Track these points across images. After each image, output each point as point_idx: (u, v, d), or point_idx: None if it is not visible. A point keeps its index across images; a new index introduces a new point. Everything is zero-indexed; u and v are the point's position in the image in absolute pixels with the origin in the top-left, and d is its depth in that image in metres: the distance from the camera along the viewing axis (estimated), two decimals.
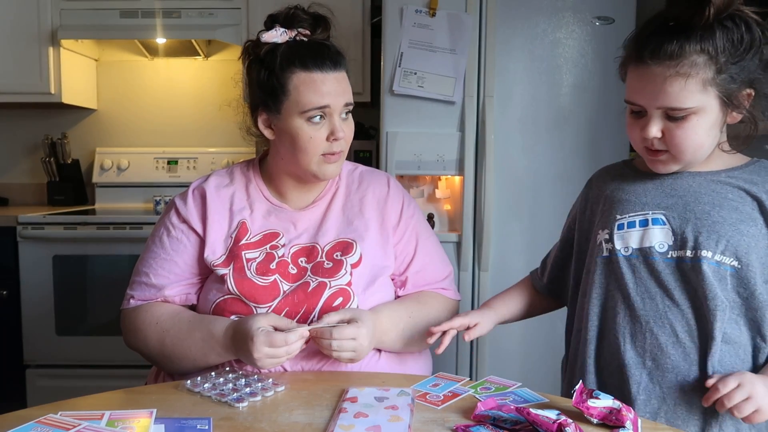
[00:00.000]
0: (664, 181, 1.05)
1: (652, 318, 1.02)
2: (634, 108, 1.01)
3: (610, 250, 1.06)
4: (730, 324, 0.99)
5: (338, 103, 1.19)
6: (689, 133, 0.96)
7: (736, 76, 0.94)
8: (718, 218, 0.98)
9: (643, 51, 0.96)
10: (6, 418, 0.91)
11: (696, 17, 0.92)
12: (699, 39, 0.92)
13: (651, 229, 1.02)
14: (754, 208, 0.99)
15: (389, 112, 2.20)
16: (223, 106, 1.33)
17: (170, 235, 1.24)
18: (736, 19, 0.93)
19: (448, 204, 2.27)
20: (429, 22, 2.15)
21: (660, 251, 1.01)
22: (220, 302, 1.18)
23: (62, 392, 1.25)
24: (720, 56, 0.93)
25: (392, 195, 1.31)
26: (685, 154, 0.99)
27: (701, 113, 0.95)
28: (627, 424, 0.86)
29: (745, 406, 0.91)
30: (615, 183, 1.12)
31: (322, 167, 1.21)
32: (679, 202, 1.02)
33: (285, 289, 1.18)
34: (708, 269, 0.97)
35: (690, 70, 0.93)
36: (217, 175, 1.30)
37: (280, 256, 1.21)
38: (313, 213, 1.27)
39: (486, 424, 0.89)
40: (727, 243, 0.97)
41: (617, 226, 1.06)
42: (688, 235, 0.99)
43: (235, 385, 1.04)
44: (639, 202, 1.05)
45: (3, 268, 2.46)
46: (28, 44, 2.67)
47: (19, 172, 3.10)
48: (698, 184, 1.03)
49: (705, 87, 0.94)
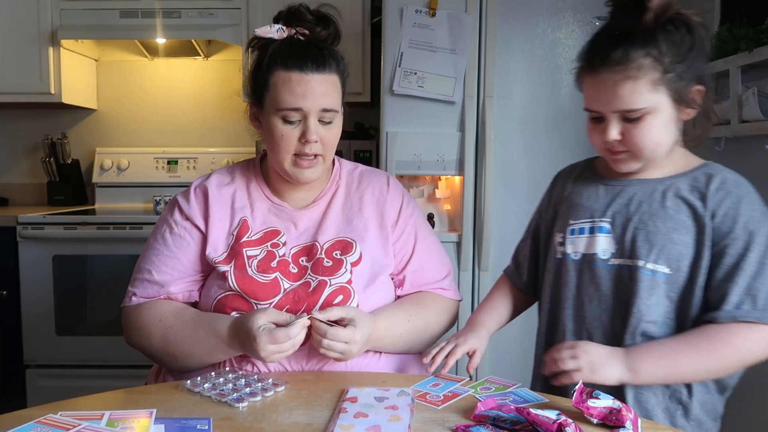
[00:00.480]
0: (614, 188, 1.11)
1: (589, 320, 1.09)
2: (593, 114, 1.06)
3: (563, 253, 1.12)
4: (661, 327, 1.03)
5: (313, 105, 1.16)
6: (645, 133, 1.01)
7: (683, 74, 0.99)
8: (653, 228, 1.03)
9: (593, 60, 1.02)
10: (6, 418, 0.91)
11: (637, 23, 0.98)
12: (642, 43, 0.98)
13: (597, 237, 1.08)
14: (689, 216, 1.03)
15: (389, 112, 2.20)
16: (223, 102, 1.33)
17: (173, 232, 1.24)
18: (676, 22, 0.99)
19: (448, 204, 2.27)
20: (429, 22, 2.15)
21: (602, 258, 1.07)
22: (221, 298, 1.18)
23: (62, 392, 1.25)
24: (664, 57, 0.98)
25: (391, 194, 1.31)
26: (644, 153, 1.03)
27: (655, 112, 1.00)
28: (627, 424, 0.86)
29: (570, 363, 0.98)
30: (575, 185, 1.17)
31: (295, 170, 1.20)
32: (623, 211, 1.07)
33: (286, 287, 1.18)
34: (643, 277, 1.03)
35: (638, 73, 0.98)
36: (218, 174, 1.31)
37: (281, 255, 1.21)
38: (313, 212, 1.27)
39: (486, 424, 0.89)
40: (660, 251, 1.02)
41: (570, 230, 1.12)
42: (627, 243, 1.05)
43: (235, 385, 1.04)
44: (590, 208, 1.11)
45: (3, 268, 2.46)
46: (28, 44, 2.68)
47: (19, 172, 3.10)
48: (642, 192, 1.07)
49: (654, 87, 0.99)
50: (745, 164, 1.82)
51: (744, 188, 1.04)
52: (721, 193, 1.02)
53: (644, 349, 1.01)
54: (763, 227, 1.00)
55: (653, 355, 0.99)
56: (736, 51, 1.71)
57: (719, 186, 1.02)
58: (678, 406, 1.05)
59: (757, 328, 0.98)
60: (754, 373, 1.08)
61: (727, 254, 1.00)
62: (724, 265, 1.00)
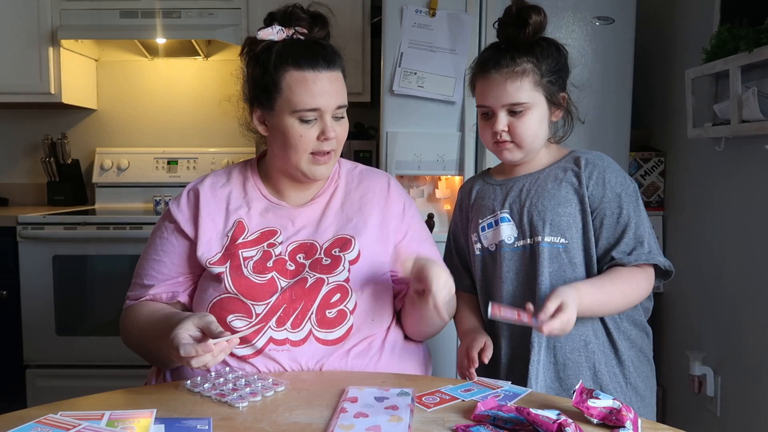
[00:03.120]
0: (507, 185, 1.32)
1: (506, 299, 1.26)
2: (484, 110, 1.28)
3: (479, 249, 1.33)
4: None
5: (330, 104, 1.18)
6: (527, 125, 1.24)
7: (554, 81, 1.26)
8: (542, 207, 1.25)
9: (486, 65, 1.25)
10: (6, 418, 0.91)
11: (521, 35, 1.23)
12: (524, 52, 1.23)
13: (500, 226, 1.29)
14: (569, 191, 1.25)
15: (389, 112, 2.20)
16: (222, 102, 1.33)
17: (162, 237, 1.26)
18: (549, 41, 1.27)
19: (448, 204, 2.27)
20: (429, 22, 2.15)
21: (509, 243, 1.28)
22: (216, 301, 1.18)
23: (62, 392, 1.25)
24: (542, 65, 1.24)
25: (393, 195, 1.31)
26: (525, 142, 1.25)
27: (534, 108, 1.24)
28: (627, 424, 0.87)
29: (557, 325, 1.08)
30: (477, 192, 1.38)
31: (312, 167, 1.21)
32: (517, 200, 1.29)
33: (282, 285, 1.17)
34: (545, 250, 1.23)
35: (522, 74, 1.23)
36: (214, 175, 1.31)
37: (277, 254, 1.20)
38: (312, 210, 1.27)
39: (486, 424, 0.89)
40: (551, 225, 1.23)
41: (480, 228, 1.32)
42: (525, 225, 1.26)
43: (236, 384, 1.04)
44: (491, 206, 1.32)
45: (3, 268, 2.46)
46: (28, 44, 2.68)
47: (19, 172, 3.10)
48: (529, 183, 1.29)
49: (535, 87, 1.23)
50: (745, 164, 1.82)
51: (606, 160, 1.28)
52: (589, 167, 1.25)
53: (586, 281, 1.21)
54: (626, 188, 1.24)
55: (593, 284, 1.19)
56: (736, 51, 1.71)
57: (586, 162, 1.26)
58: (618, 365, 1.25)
59: (644, 269, 1.21)
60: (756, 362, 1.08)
61: (606, 215, 1.23)
62: (607, 225, 1.23)
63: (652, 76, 2.43)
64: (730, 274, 1.88)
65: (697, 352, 1.99)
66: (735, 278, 1.86)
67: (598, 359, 1.24)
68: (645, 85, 2.39)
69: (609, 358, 1.25)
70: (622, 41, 2.16)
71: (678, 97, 2.17)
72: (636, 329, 1.29)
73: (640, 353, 1.29)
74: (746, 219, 1.82)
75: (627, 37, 2.16)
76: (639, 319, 1.30)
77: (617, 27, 2.13)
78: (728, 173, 1.92)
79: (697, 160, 2.12)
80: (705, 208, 2.03)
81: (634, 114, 2.21)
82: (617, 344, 1.26)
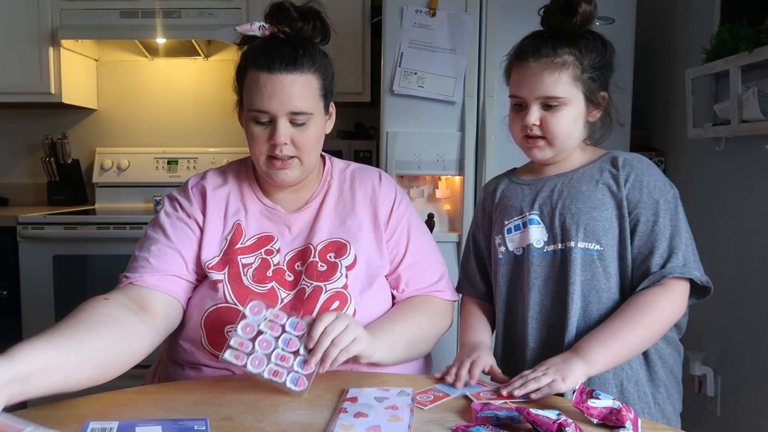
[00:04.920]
0: (536, 185, 1.23)
1: (534, 307, 1.18)
2: (517, 101, 1.19)
3: (503, 252, 1.23)
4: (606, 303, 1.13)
5: (281, 109, 1.12)
6: (561, 121, 1.15)
7: (596, 78, 1.16)
8: (576, 210, 1.15)
9: (525, 52, 1.16)
10: None
11: (566, 25, 1.14)
12: (568, 43, 1.14)
13: (529, 229, 1.19)
14: (605, 194, 1.15)
15: (389, 112, 2.20)
16: (223, 101, 1.31)
17: (174, 224, 1.19)
18: (595, 35, 1.17)
19: (448, 204, 2.27)
20: (429, 22, 2.15)
21: (537, 247, 1.18)
22: (212, 311, 1.14)
23: None
24: (584, 59, 1.14)
25: (384, 190, 1.28)
26: (558, 140, 1.16)
27: (570, 104, 1.15)
28: (627, 424, 0.87)
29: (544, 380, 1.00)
30: (503, 192, 1.28)
31: (270, 171, 1.17)
32: (548, 201, 1.19)
33: (283, 297, 1.16)
34: (577, 257, 1.14)
35: (561, 66, 1.13)
36: (213, 175, 1.28)
37: (275, 263, 1.18)
38: (306, 214, 1.24)
39: (486, 424, 0.89)
40: (585, 230, 1.14)
41: (506, 230, 1.23)
42: (557, 229, 1.16)
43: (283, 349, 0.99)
44: (519, 206, 1.23)
45: (3, 268, 2.46)
46: (28, 44, 2.68)
47: (19, 172, 3.10)
48: (561, 184, 1.20)
49: (574, 81, 1.14)
50: (745, 164, 1.82)
51: (645, 162, 1.18)
52: (627, 168, 1.15)
53: (591, 338, 1.07)
54: (665, 194, 1.14)
55: (598, 340, 1.06)
56: (736, 51, 1.71)
57: (624, 163, 1.16)
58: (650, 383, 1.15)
59: (673, 287, 1.09)
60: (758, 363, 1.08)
61: (639, 221, 1.13)
62: (640, 233, 1.13)
63: (652, 76, 2.43)
64: (731, 274, 1.88)
65: (697, 352, 1.99)
66: (735, 278, 1.86)
67: (627, 376, 1.14)
68: (645, 85, 2.39)
69: (640, 375, 1.14)
70: (622, 41, 2.16)
71: (678, 97, 2.17)
72: (669, 347, 1.18)
73: (671, 374, 1.18)
74: (746, 219, 1.82)
75: (627, 37, 2.16)
76: (671, 336, 1.18)
77: (617, 27, 2.13)
78: (728, 173, 1.92)
79: (697, 160, 2.12)
80: (705, 208, 2.03)
81: (634, 114, 2.21)
82: (651, 362, 1.15)
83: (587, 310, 1.14)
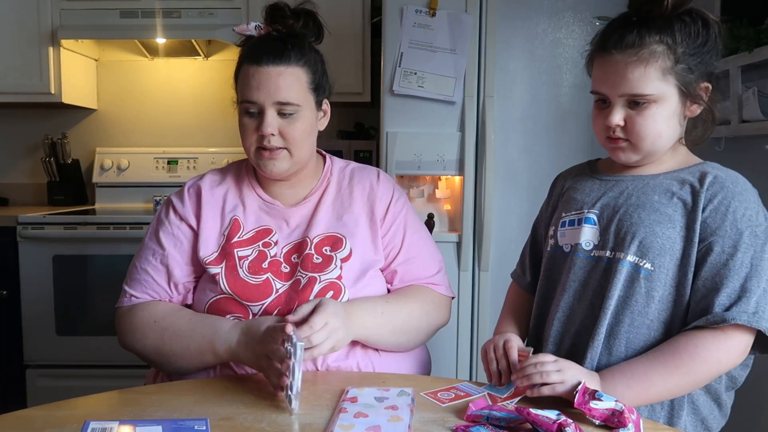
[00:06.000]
0: (608, 182, 1.10)
1: (566, 311, 1.09)
2: (600, 97, 1.05)
3: (552, 245, 1.13)
4: (648, 329, 1.01)
5: (267, 99, 1.17)
6: (649, 121, 1.00)
7: (693, 67, 0.99)
8: (637, 219, 1.02)
9: (607, 42, 1.01)
10: (6, 418, 0.91)
11: (655, 9, 0.98)
12: (658, 30, 0.98)
13: (583, 227, 1.08)
14: (677, 210, 1.01)
15: (389, 112, 2.20)
16: (223, 101, 1.35)
17: (168, 232, 1.25)
18: (693, 15, 0.99)
19: (448, 204, 2.27)
20: (429, 22, 2.15)
21: (585, 249, 1.07)
22: (213, 302, 1.18)
23: (62, 392, 1.25)
24: (678, 47, 0.98)
25: (381, 188, 1.30)
26: (644, 142, 1.02)
27: (661, 102, 0.99)
28: (629, 426, 0.86)
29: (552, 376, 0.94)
30: (573, 182, 1.17)
31: (260, 162, 1.22)
32: (611, 203, 1.07)
33: (278, 287, 1.18)
34: (623, 270, 1.01)
35: (649, 58, 0.97)
36: (211, 174, 1.32)
37: (272, 255, 1.21)
38: (305, 209, 1.27)
39: (486, 424, 0.89)
40: (640, 244, 1.00)
41: (561, 223, 1.12)
42: (609, 235, 1.04)
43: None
44: (582, 200, 1.11)
45: (3, 268, 2.46)
46: (28, 44, 2.67)
47: (19, 172, 3.10)
48: (634, 186, 1.06)
49: (664, 75, 0.98)
50: (745, 164, 1.82)
51: (740, 185, 1.00)
52: (714, 188, 0.99)
53: (617, 372, 0.98)
54: (755, 227, 0.97)
55: (624, 377, 0.97)
56: (736, 51, 1.71)
57: (713, 181, 1.00)
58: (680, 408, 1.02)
59: (731, 336, 0.94)
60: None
61: (713, 251, 0.97)
62: (711, 264, 0.97)
63: None
64: None
65: None
66: None
67: (642, 413, 1.00)
68: None
69: (656, 415, 1.01)
70: None
71: None
72: (707, 396, 1.03)
73: (701, 425, 1.03)
74: None
75: None
76: (715, 387, 1.03)
77: None
78: None
79: None
80: None
81: None
82: (676, 406, 1.01)
83: (615, 329, 1.02)
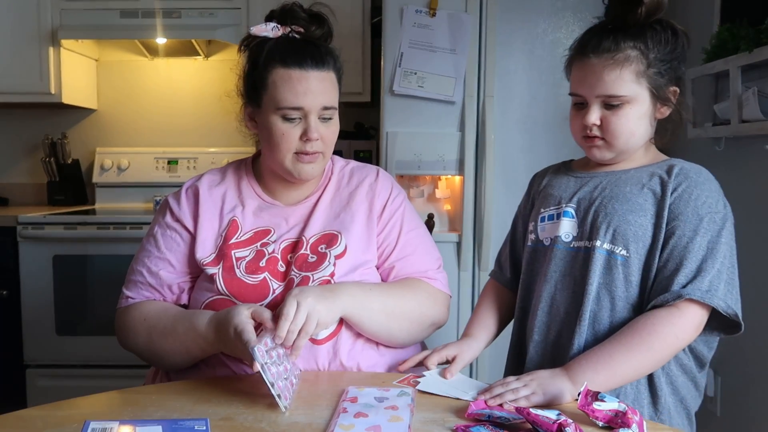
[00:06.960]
0: (583, 179, 1.18)
1: (548, 301, 1.14)
2: (577, 99, 1.14)
3: (533, 240, 1.20)
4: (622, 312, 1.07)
5: (314, 104, 1.17)
6: (623, 121, 1.08)
7: (664, 72, 1.08)
8: (611, 209, 1.09)
9: (586, 47, 1.10)
10: (6, 418, 0.91)
11: (630, 16, 1.06)
12: (632, 36, 1.07)
13: (561, 221, 1.15)
14: (647, 199, 1.08)
15: (389, 112, 2.20)
16: (222, 101, 1.34)
17: (164, 233, 1.25)
18: (664, 24, 1.08)
19: (448, 204, 2.27)
20: (429, 22, 2.15)
21: (565, 240, 1.14)
22: (209, 302, 1.18)
23: (62, 392, 1.25)
24: (650, 52, 1.07)
25: (380, 185, 1.30)
26: (618, 141, 1.10)
27: (634, 103, 1.08)
28: (633, 426, 0.86)
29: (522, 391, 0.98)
30: (550, 179, 1.24)
31: (297, 166, 1.20)
32: (587, 196, 1.14)
33: (274, 287, 1.17)
34: (599, 257, 1.08)
35: (624, 62, 1.06)
36: (210, 174, 1.31)
37: (270, 252, 1.20)
38: (304, 207, 1.27)
39: (486, 423, 0.89)
40: (615, 232, 1.07)
41: (540, 218, 1.19)
42: (587, 226, 1.11)
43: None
44: (559, 196, 1.18)
45: (3, 268, 2.46)
46: (28, 44, 2.67)
47: (19, 172, 3.10)
48: (608, 180, 1.14)
49: (638, 78, 1.07)
50: (745, 164, 1.82)
51: (704, 176, 1.09)
52: (680, 177, 1.08)
53: (582, 359, 1.02)
54: (714, 213, 1.05)
55: (590, 363, 1.00)
56: (736, 51, 1.71)
57: (679, 171, 1.08)
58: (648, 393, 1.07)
59: (685, 311, 1.00)
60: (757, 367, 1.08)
61: (675, 235, 1.04)
62: (672, 246, 1.04)
63: None
64: None
65: None
66: None
67: (624, 392, 1.06)
68: None
69: (641, 395, 1.07)
70: None
71: None
72: (684, 377, 1.09)
73: (680, 404, 1.09)
74: (746, 219, 1.82)
75: None
76: (688, 365, 1.09)
77: None
78: (728, 173, 1.91)
79: (697, 160, 2.08)
80: None
81: None
82: (657, 387, 1.07)
83: (599, 315, 1.08)
